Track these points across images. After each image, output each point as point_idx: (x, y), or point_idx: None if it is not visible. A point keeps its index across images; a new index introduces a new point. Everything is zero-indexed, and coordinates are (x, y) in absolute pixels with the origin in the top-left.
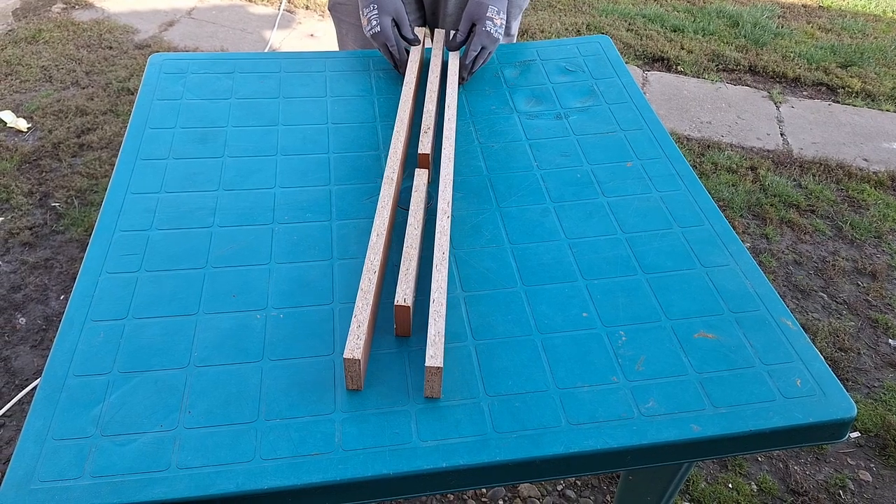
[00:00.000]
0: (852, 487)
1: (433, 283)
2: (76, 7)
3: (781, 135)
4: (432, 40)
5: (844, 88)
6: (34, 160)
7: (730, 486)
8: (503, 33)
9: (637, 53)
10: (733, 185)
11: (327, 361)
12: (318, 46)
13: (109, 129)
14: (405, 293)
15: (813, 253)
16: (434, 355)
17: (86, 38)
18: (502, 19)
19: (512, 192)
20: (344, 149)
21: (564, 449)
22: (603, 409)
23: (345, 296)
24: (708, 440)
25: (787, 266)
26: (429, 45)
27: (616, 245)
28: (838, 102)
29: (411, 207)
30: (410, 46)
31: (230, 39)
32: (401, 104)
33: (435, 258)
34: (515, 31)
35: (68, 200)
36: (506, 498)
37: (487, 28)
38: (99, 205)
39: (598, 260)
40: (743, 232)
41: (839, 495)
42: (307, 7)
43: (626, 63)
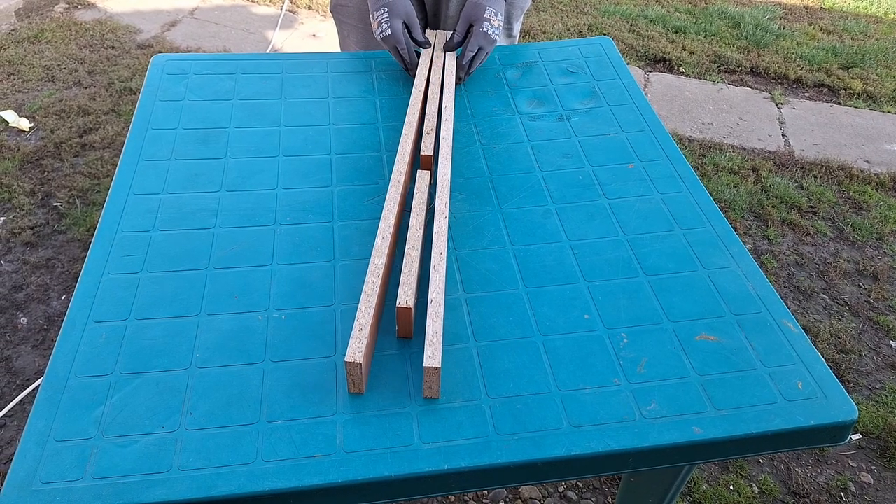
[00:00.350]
0: (853, 489)
1: (431, 284)
2: (79, 7)
3: (783, 136)
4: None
5: (846, 90)
6: (36, 160)
7: (731, 488)
8: (500, 35)
9: (639, 54)
10: (735, 187)
11: (329, 363)
12: (321, 47)
13: (111, 129)
14: (407, 295)
15: (814, 254)
16: (432, 356)
17: (88, 38)
18: (499, 21)
19: (514, 194)
20: (346, 150)
21: (566, 451)
22: (604, 412)
23: (347, 297)
24: (709, 442)
25: (789, 267)
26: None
27: (617, 247)
28: (840, 104)
29: (413, 209)
30: (421, 49)
31: (232, 39)
32: (410, 107)
33: (433, 259)
34: (517, 33)
35: (70, 200)
36: (507, 499)
37: (484, 29)
38: (101, 205)
39: (600, 262)
40: (744, 233)
41: (840, 497)
42: (309, 7)
43: (628, 64)
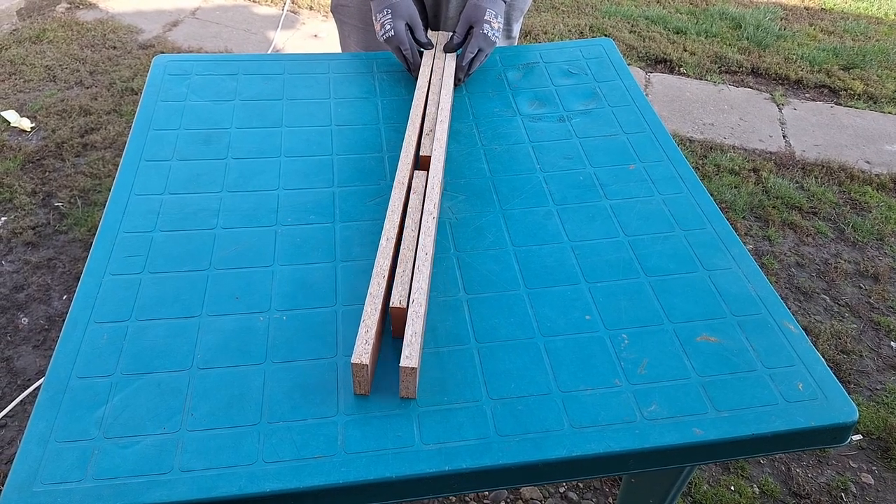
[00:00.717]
0: (854, 490)
1: (414, 284)
2: (80, 7)
3: (784, 137)
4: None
5: (847, 91)
6: (37, 160)
7: (732, 489)
8: (500, 36)
9: (640, 55)
10: (736, 188)
11: (330, 364)
12: (322, 47)
13: (113, 129)
14: (401, 295)
15: (815, 255)
16: (409, 356)
17: (90, 38)
18: (499, 23)
19: (515, 195)
20: (347, 150)
21: (567, 452)
22: (605, 413)
23: (348, 298)
24: (710, 443)
25: (790, 268)
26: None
27: (618, 248)
28: (840, 105)
29: (409, 209)
30: (424, 50)
31: (234, 40)
32: (412, 108)
33: (418, 259)
34: (517, 34)
35: (71, 200)
36: (508, 500)
37: (484, 31)
38: (102, 205)
39: (601, 263)
40: (745, 234)
41: (841, 498)
42: (311, 8)
43: (629, 65)
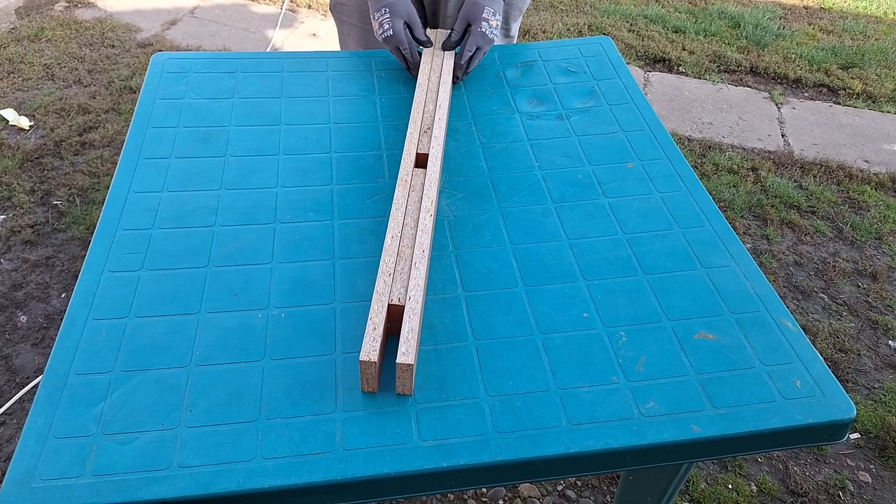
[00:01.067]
0: (852, 488)
1: (410, 282)
2: (79, 5)
3: (782, 136)
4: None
5: (845, 90)
6: (36, 158)
7: (729, 487)
8: (498, 34)
9: (638, 54)
10: (734, 186)
11: (329, 361)
12: (321, 46)
13: (111, 128)
14: (399, 292)
15: (813, 254)
16: (406, 352)
17: (88, 37)
18: (497, 20)
19: (513, 193)
20: (346, 148)
21: (565, 449)
22: (603, 410)
23: (346, 295)
24: (708, 441)
25: (788, 267)
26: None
27: (617, 246)
28: (839, 104)
29: (408, 207)
30: (423, 48)
31: (233, 38)
32: (414, 105)
33: (414, 256)
34: (515, 33)
35: (70, 199)
36: (506, 498)
37: (482, 29)
38: (101, 203)
39: (599, 260)
40: (744, 233)
41: (839, 496)
42: (309, 6)
43: (628, 64)
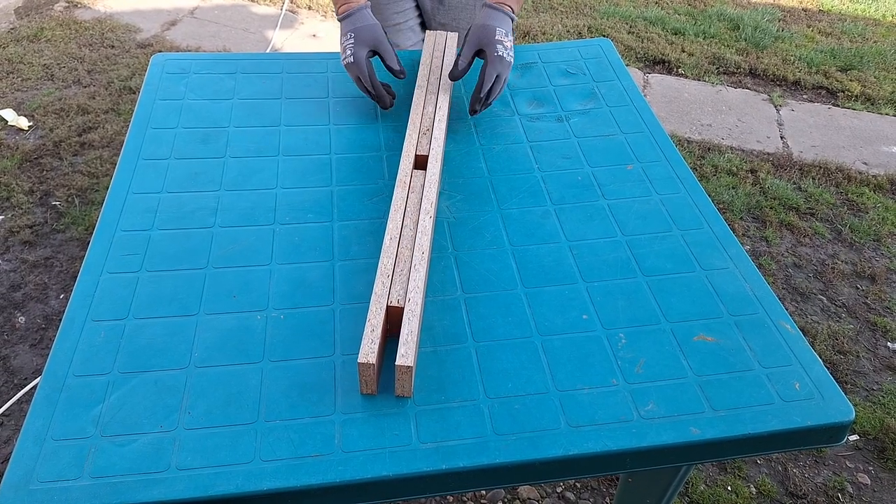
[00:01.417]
0: (851, 490)
1: (410, 283)
2: (78, 6)
3: (781, 138)
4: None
5: (844, 92)
6: (35, 158)
7: (729, 489)
8: (513, 55)
9: (638, 56)
10: (733, 188)
11: (328, 363)
12: (321, 47)
13: (111, 128)
14: (398, 294)
15: (812, 256)
16: (405, 354)
17: (88, 37)
18: (510, 41)
19: (513, 194)
20: (346, 150)
21: (564, 451)
22: (602, 412)
23: (346, 297)
24: (707, 443)
25: (787, 269)
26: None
27: (616, 247)
28: (838, 106)
29: (408, 208)
30: (397, 77)
31: (232, 39)
32: (413, 107)
33: (414, 258)
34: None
35: (69, 199)
36: (505, 500)
37: (499, 52)
38: (100, 204)
39: (598, 262)
40: (742, 235)
41: (838, 498)
42: (309, 7)
43: (627, 65)
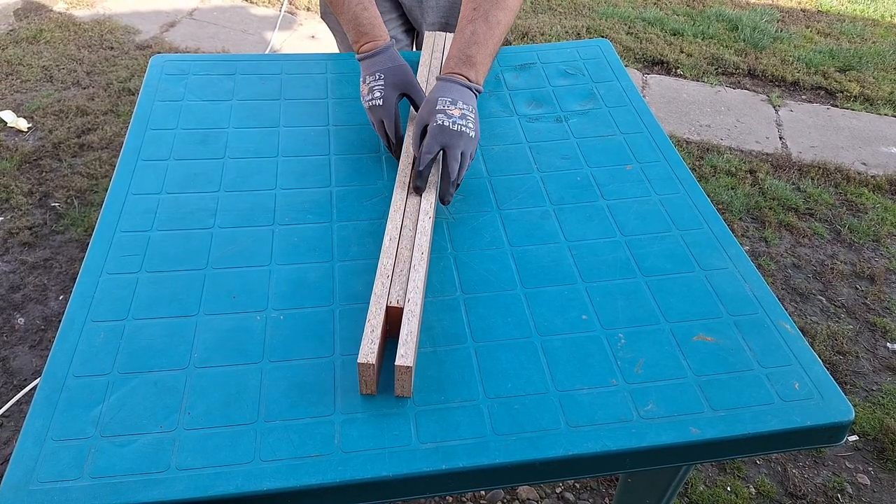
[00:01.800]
0: (850, 491)
1: (409, 284)
2: (77, 7)
3: (780, 138)
4: (414, 47)
5: (843, 92)
6: (34, 160)
7: (728, 489)
8: (473, 126)
9: (637, 57)
10: (732, 189)
11: (327, 363)
12: (320, 48)
13: (110, 130)
14: (397, 294)
15: (811, 256)
16: (405, 355)
17: (87, 39)
18: (463, 108)
19: (512, 195)
20: (345, 150)
21: (563, 451)
22: (602, 412)
23: (345, 298)
24: (706, 443)
25: (786, 269)
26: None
27: (615, 248)
28: (837, 106)
29: (407, 209)
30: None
31: (231, 40)
32: (412, 108)
33: (413, 258)
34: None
35: (68, 200)
36: (504, 500)
37: (439, 122)
38: (99, 205)
39: (598, 262)
40: (742, 235)
41: (837, 499)
42: (308, 8)
43: (626, 66)
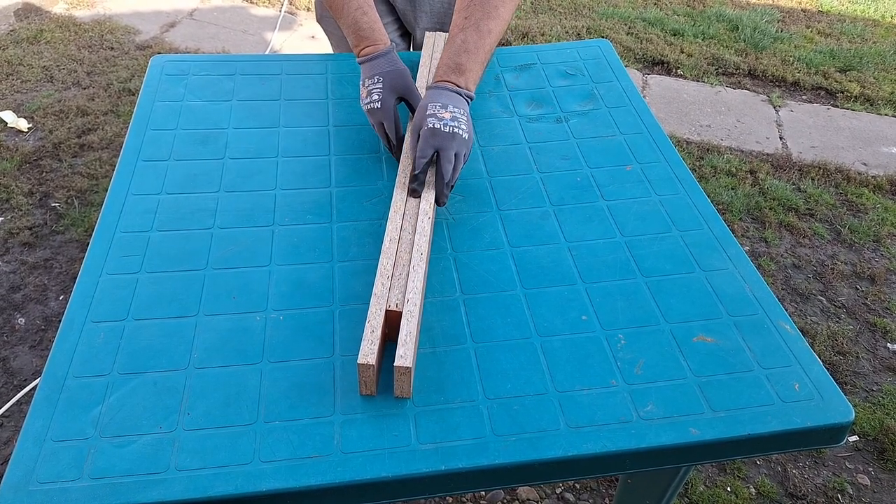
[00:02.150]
0: (850, 491)
1: (409, 285)
2: (78, 8)
3: (781, 139)
4: (411, 48)
5: (843, 93)
6: (35, 160)
7: (728, 490)
8: (465, 127)
9: (637, 57)
10: (732, 189)
11: (327, 364)
12: (320, 48)
13: (110, 130)
14: (397, 296)
15: (812, 257)
16: (404, 355)
17: (87, 39)
18: (453, 112)
19: (512, 195)
20: (345, 151)
21: (563, 452)
22: (602, 413)
23: (345, 298)
24: (706, 444)
25: (786, 270)
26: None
27: (615, 248)
28: (837, 107)
29: (407, 211)
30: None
31: (231, 41)
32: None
33: (413, 260)
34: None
35: (68, 201)
36: (504, 501)
37: (430, 125)
38: (99, 205)
39: (598, 263)
40: (742, 235)
41: (837, 499)
42: (308, 9)
43: (626, 67)
